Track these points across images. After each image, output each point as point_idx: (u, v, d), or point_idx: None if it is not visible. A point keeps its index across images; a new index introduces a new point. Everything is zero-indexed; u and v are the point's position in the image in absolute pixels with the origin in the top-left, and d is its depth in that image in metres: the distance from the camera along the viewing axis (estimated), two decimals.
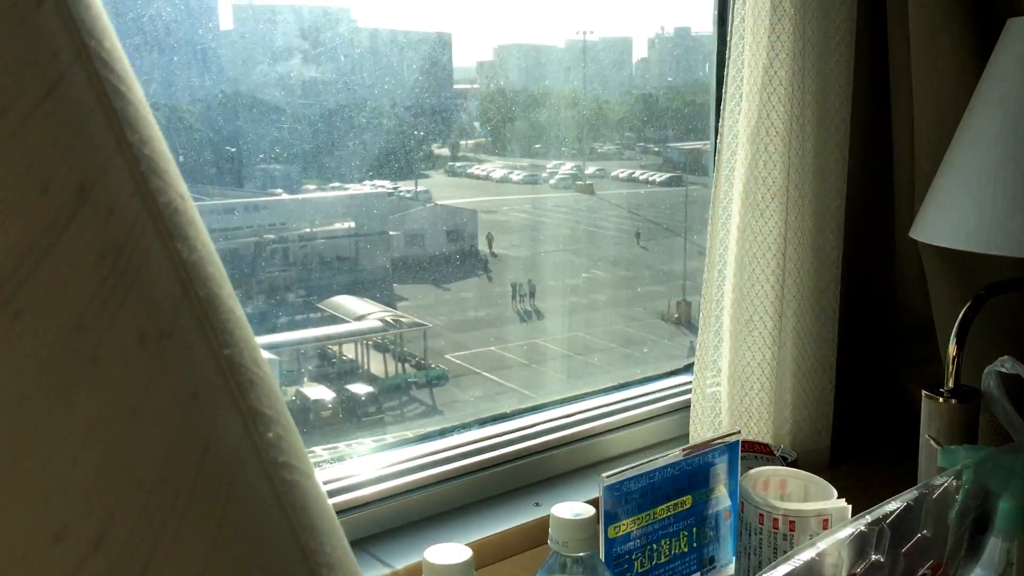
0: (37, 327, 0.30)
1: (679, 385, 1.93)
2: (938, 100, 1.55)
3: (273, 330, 3.22)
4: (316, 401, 3.23)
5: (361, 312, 3.43)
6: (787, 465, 1.59)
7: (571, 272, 4.71)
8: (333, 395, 3.22)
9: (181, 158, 2.55)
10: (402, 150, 3.22)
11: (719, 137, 1.63)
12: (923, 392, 1.37)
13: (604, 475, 1.13)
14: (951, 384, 1.36)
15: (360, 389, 3.45)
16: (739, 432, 1.31)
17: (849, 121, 1.63)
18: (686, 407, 1.81)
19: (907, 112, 1.63)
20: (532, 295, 4.45)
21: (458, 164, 3.87)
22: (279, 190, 2.94)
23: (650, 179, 4.43)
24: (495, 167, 4.14)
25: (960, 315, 1.35)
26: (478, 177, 4.03)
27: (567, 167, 4.45)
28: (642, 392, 1.89)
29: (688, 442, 1.76)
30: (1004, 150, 1.32)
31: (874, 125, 1.71)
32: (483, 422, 1.71)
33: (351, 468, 1.50)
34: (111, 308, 0.32)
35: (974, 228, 1.34)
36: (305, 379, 3.26)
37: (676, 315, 2.75)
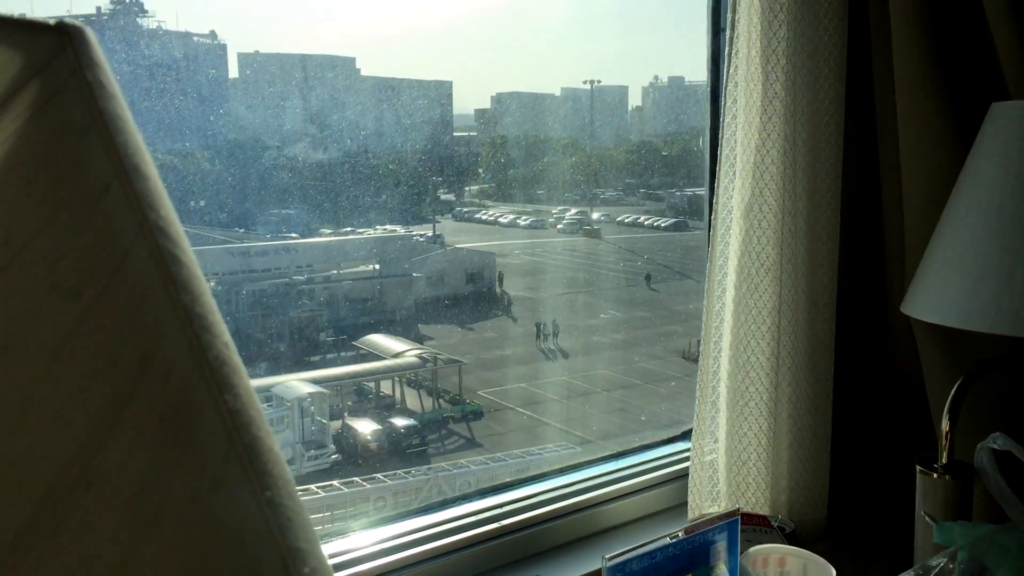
0: (104, 496, 0.32)
1: (677, 453, 1.95)
2: (926, 178, 1.60)
3: (312, 366, 3.31)
4: (363, 434, 3.26)
5: (397, 349, 3.53)
6: (785, 536, 1.60)
7: (589, 313, 4.79)
8: (378, 427, 3.32)
9: (202, 202, 2.61)
10: (410, 196, 3.30)
11: (713, 213, 1.68)
12: (917, 467, 1.40)
13: (607, 556, 1.15)
14: (945, 459, 1.39)
15: (402, 422, 3.56)
16: (739, 510, 1.33)
17: (840, 198, 1.67)
18: (684, 475, 1.83)
19: (896, 190, 1.67)
20: (556, 335, 4.54)
21: (465, 209, 3.97)
22: (293, 234, 3.02)
23: (656, 224, 4.49)
24: (502, 212, 4.24)
25: (952, 392, 1.38)
26: (485, 222, 4.12)
27: (571, 212, 4.54)
28: (640, 461, 1.90)
29: (687, 511, 1.78)
30: (990, 230, 1.36)
31: (864, 201, 1.75)
32: (483, 492, 1.72)
33: (350, 543, 1.51)
34: (169, 470, 0.35)
35: (963, 305, 1.37)
36: (345, 413, 3.35)
37: (696, 353, 2.86)
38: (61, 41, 0.37)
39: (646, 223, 4.80)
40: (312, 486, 3.13)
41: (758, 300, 1.66)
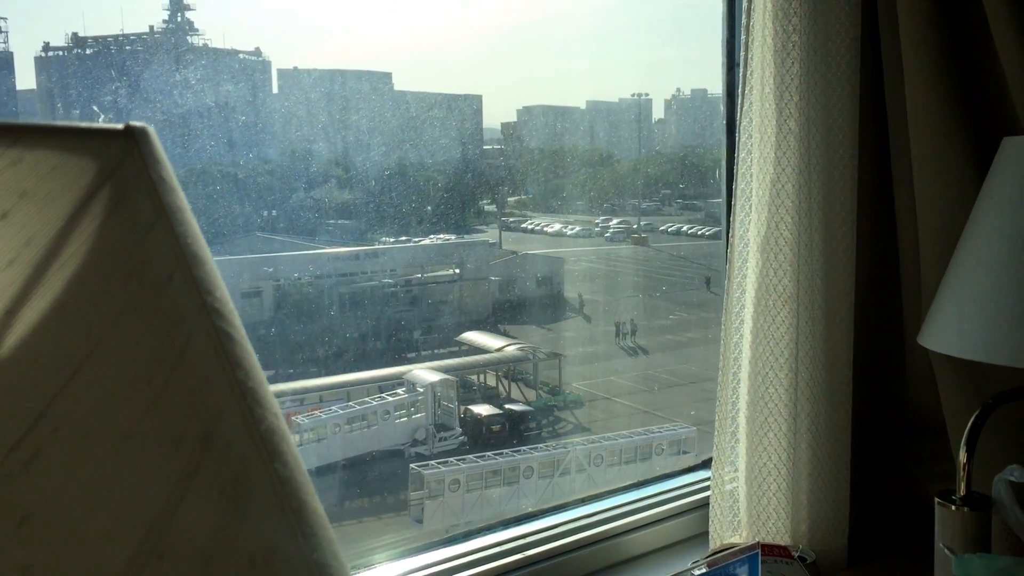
0: (176, 565, 0.36)
1: (697, 482, 1.96)
2: (941, 210, 1.62)
3: (419, 360, 3.57)
4: (486, 417, 3.79)
5: (495, 344, 3.85)
6: (806, 566, 1.61)
7: (659, 314, 5.03)
8: (498, 412, 3.75)
9: (272, 212, 2.77)
10: (456, 207, 3.45)
11: (729, 247, 1.70)
12: (936, 499, 1.41)
13: None
14: (963, 491, 1.40)
15: (518, 408, 3.95)
16: (759, 544, 1.34)
17: (855, 230, 1.70)
18: (705, 505, 1.85)
19: (911, 222, 1.70)
20: (634, 333, 4.83)
21: (511, 220, 4.15)
22: (352, 244, 3.17)
23: (699, 232, 4.64)
24: (549, 221, 4.44)
25: (969, 424, 1.40)
26: (531, 231, 4.31)
27: (615, 221, 4.68)
28: (661, 490, 1.92)
29: (708, 541, 1.79)
30: (1004, 263, 1.38)
31: (879, 233, 1.78)
32: (506, 523, 1.75)
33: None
34: (230, 539, 0.38)
35: (980, 338, 1.39)
36: (455, 402, 3.65)
37: None
38: (128, 143, 0.40)
39: (688, 231, 4.98)
40: (488, 453, 3.67)
41: (776, 331, 1.68)
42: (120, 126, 0.41)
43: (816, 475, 1.72)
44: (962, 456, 1.41)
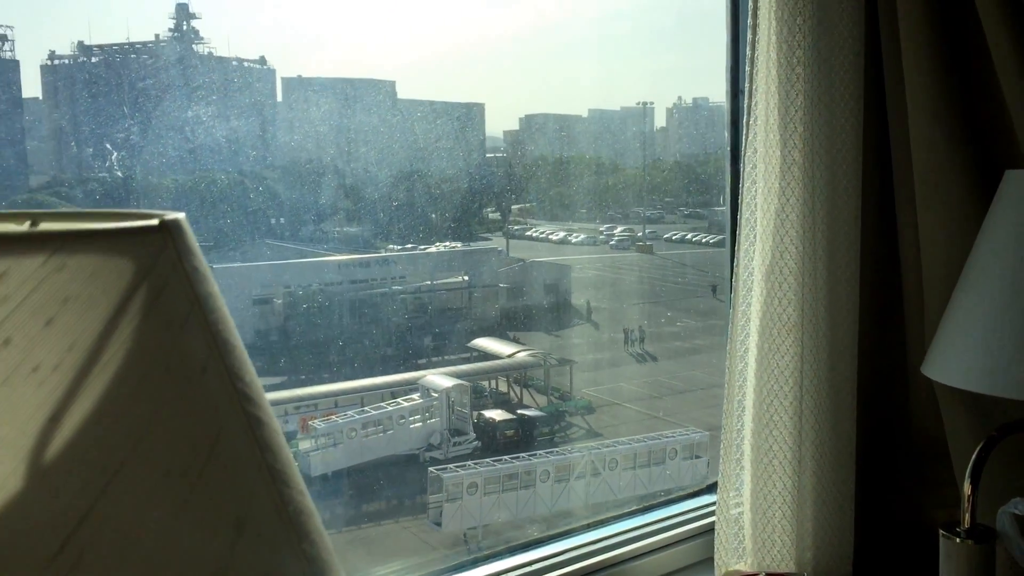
0: None
1: (702, 507, 1.97)
2: (944, 241, 1.63)
3: (429, 366, 3.64)
4: (500, 422, 3.86)
5: (507, 351, 3.94)
6: None
7: (666, 321, 5.09)
8: (511, 418, 3.81)
9: (280, 219, 2.82)
10: (460, 215, 3.50)
11: (734, 275, 1.72)
12: (940, 531, 1.42)
13: None
14: (967, 523, 1.41)
15: (531, 413, 4.02)
16: (764, 575, 1.35)
17: (859, 261, 1.71)
18: (710, 530, 1.85)
19: (914, 253, 1.71)
20: (642, 340, 4.90)
21: (515, 228, 4.20)
22: (356, 252, 3.22)
23: (703, 240, 4.68)
24: (551, 230, 4.50)
25: (973, 456, 1.41)
26: (535, 239, 4.37)
27: (619, 229, 4.72)
28: (666, 515, 1.93)
29: (712, 567, 1.80)
30: (1007, 297, 1.39)
31: (883, 263, 1.79)
32: (512, 550, 1.76)
33: None
34: None
35: (983, 370, 1.40)
36: (468, 407, 3.71)
37: None
38: (163, 237, 0.42)
39: (693, 239, 5.02)
40: (505, 457, 3.73)
41: (780, 360, 1.69)
42: (155, 221, 0.42)
43: (821, 502, 1.73)
44: (966, 488, 1.41)
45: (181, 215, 0.45)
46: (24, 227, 0.53)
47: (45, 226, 0.46)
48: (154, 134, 2.47)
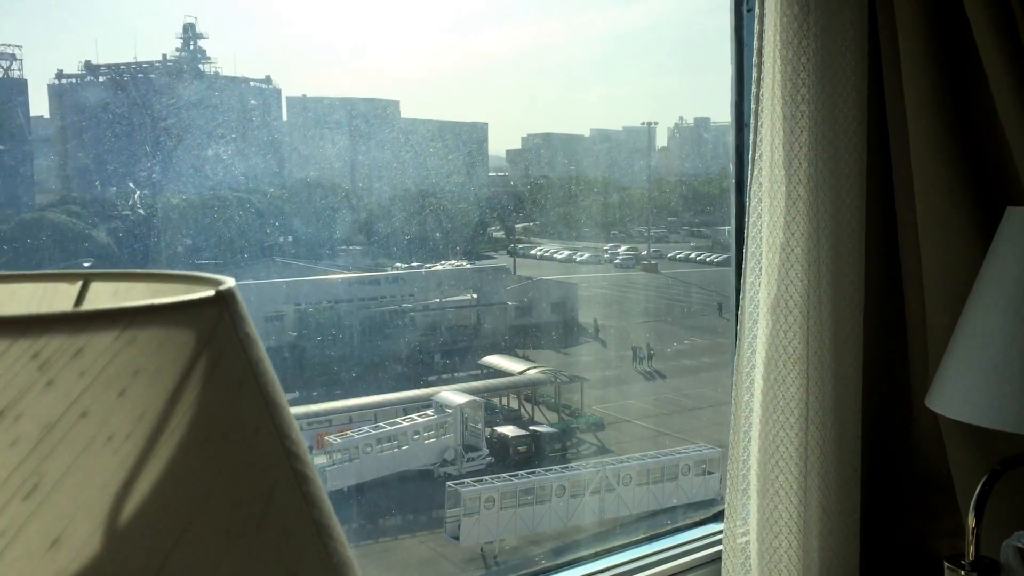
0: None
1: (709, 536, 1.99)
2: (946, 276, 1.66)
3: (442, 383, 3.68)
4: (513, 438, 3.91)
5: (517, 368, 3.99)
6: None
7: (673, 339, 5.14)
8: (523, 434, 3.86)
9: (290, 237, 2.85)
10: (466, 233, 3.54)
11: (739, 308, 1.74)
12: (945, 564, 1.44)
13: None
14: (972, 555, 1.43)
15: (543, 430, 4.06)
16: None
17: (863, 294, 1.74)
18: (716, 559, 1.87)
19: (917, 286, 1.74)
20: (651, 358, 4.95)
21: (520, 246, 4.25)
22: (362, 270, 3.26)
23: (707, 259, 4.73)
24: (555, 249, 4.55)
25: (977, 489, 1.43)
26: (540, 258, 4.42)
27: (623, 248, 4.77)
28: (673, 544, 1.95)
29: None
30: (1010, 332, 1.42)
31: (887, 297, 1.82)
32: None
33: None
34: None
35: (985, 404, 1.42)
36: (479, 424, 3.75)
37: None
38: (219, 307, 0.45)
39: (697, 258, 5.07)
40: (520, 472, 3.78)
41: (786, 391, 1.71)
42: (211, 291, 0.45)
43: (827, 532, 1.75)
44: (970, 521, 1.43)
45: (232, 282, 0.48)
46: (76, 287, 0.56)
47: (98, 291, 0.49)
48: (163, 154, 2.51)
